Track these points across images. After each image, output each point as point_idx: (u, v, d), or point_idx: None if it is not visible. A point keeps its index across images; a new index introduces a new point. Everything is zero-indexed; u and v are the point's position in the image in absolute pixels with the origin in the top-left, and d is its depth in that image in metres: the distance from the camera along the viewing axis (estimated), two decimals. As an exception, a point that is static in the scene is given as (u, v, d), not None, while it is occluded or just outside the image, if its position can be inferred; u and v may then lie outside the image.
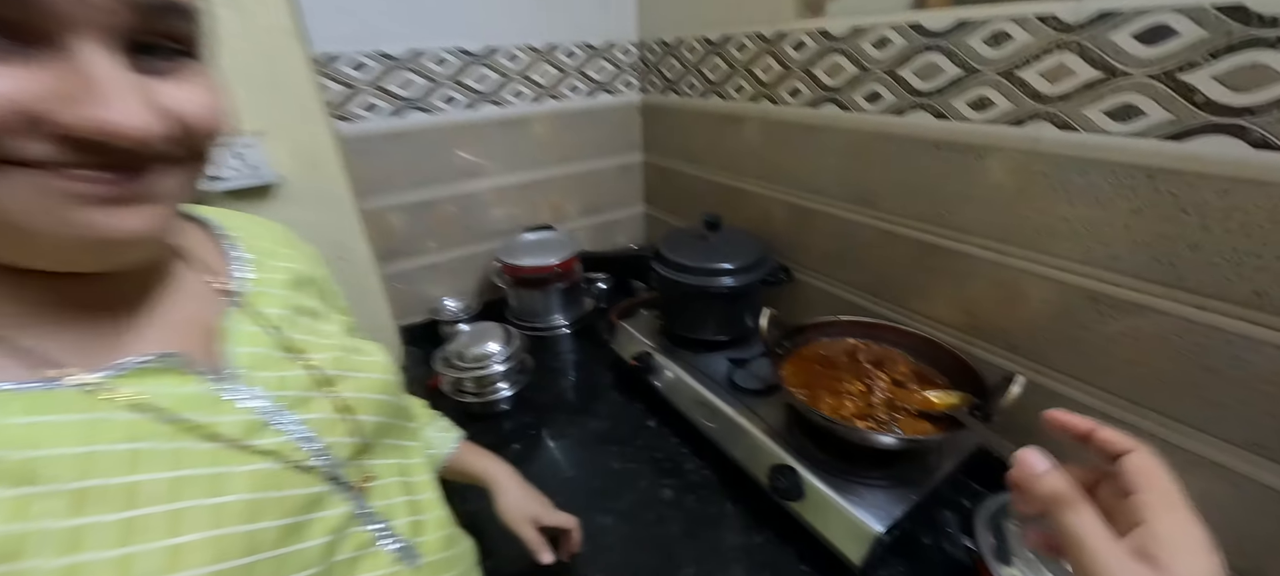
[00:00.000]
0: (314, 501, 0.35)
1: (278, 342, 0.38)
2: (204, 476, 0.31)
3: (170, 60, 0.27)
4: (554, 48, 1.19)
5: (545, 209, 1.32)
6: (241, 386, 0.35)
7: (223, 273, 0.40)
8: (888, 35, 0.75)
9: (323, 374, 0.39)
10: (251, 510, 0.32)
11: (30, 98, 0.23)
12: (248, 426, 0.34)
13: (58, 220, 0.25)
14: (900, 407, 0.71)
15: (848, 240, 0.92)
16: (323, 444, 0.37)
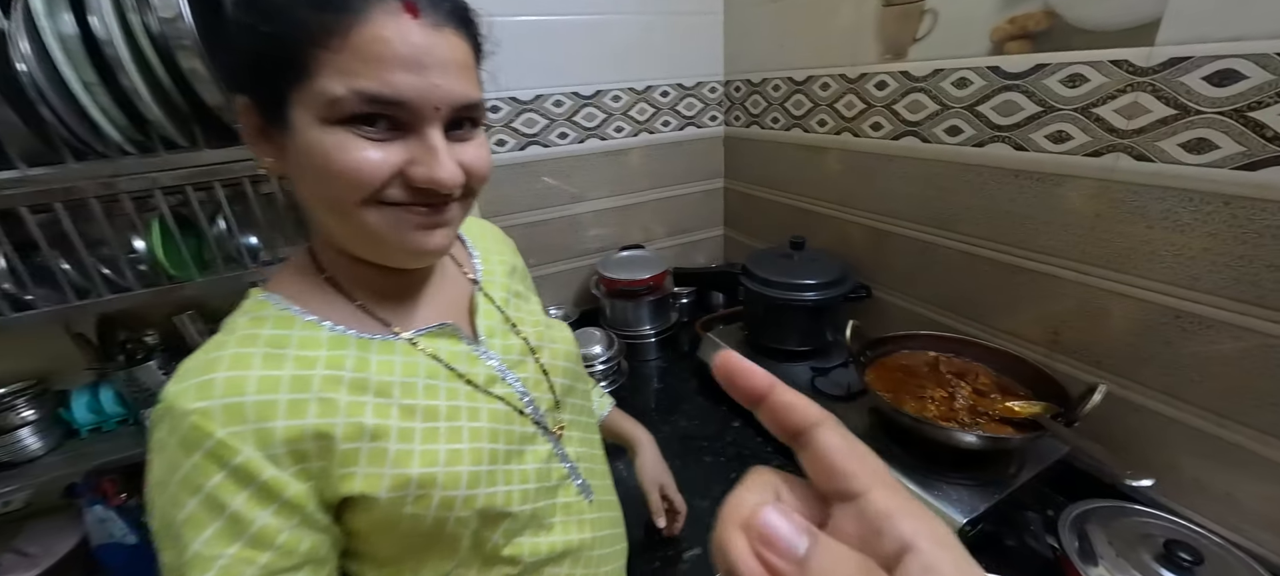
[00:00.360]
0: (528, 438, 0.49)
1: (503, 318, 0.53)
2: (466, 407, 0.45)
3: (464, 129, 0.42)
4: (651, 88, 1.35)
5: (636, 230, 1.47)
6: (485, 349, 0.50)
7: (468, 264, 0.56)
8: (967, 76, 0.84)
9: (529, 344, 0.54)
10: (493, 434, 0.46)
11: (402, 162, 0.38)
12: (489, 378, 0.48)
13: (400, 237, 0.41)
14: (981, 413, 0.77)
15: (927, 260, 0.99)
16: (532, 397, 0.51)
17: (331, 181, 0.37)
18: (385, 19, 0.35)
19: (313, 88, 0.35)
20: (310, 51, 0.35)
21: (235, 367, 0.37)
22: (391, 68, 0.35)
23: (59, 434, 1.00)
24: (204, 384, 0.36)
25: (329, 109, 0.35)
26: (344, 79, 0.35)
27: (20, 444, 0.95)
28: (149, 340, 1.06)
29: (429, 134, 0.38)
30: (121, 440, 1.00)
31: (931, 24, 0.88)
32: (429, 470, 0.41)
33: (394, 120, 0.37)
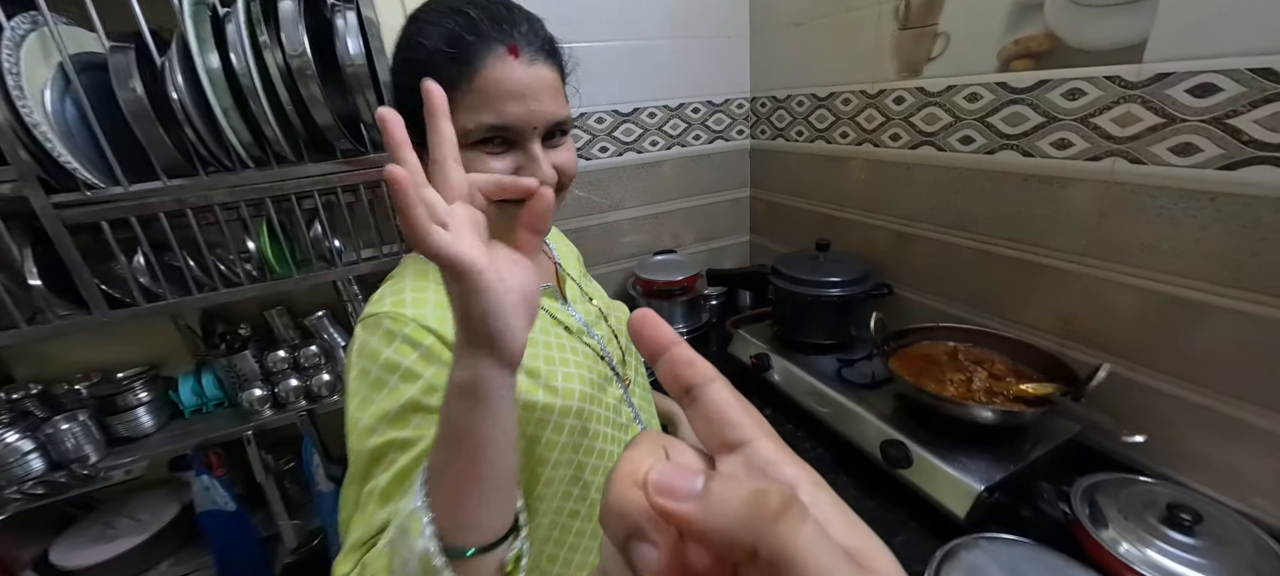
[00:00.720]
0: (608, 379, 0.61)
1: (579, 290, 0.65)
2: (568, 344, 0.58)
3: (556, 138, 0.54)
4: (683, 105, 1.47)
5: (669, 236, 1.58)
6: (573, 308, 0.61)
7: (549, 251, 0.68)
8: (978, 91, 0.93)
9: (601, 310, 0.65)
10: (589, 368, 0.58)
11: (512, 169, 0.50)
12: (578, 330, 0.60)
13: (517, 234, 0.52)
14: (997, 393, 0.85)
15: (946, 259, 1.08)
16: (607, 350, 0.62)
17: None
18: (497, 64, 0.48)
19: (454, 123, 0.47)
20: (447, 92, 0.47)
21: (417, 291, 0.50)
22: (503, 101, 0.48)
23: (167, 414, 1.14)
24: (398, 299, 0.49)
25: (462, 137, 0.48)
26: (472, 115, 0.48)
27: (137, 421, 1.08)
28: (243, 332, 1.19)
29: (531, 147, 0.51)
30: (219, 420, 1.13)
31: (944, 45, 0.97)
32: (551, 386, 0.54)
33: (505, 138, 0.50)
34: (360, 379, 0.48)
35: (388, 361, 0.47)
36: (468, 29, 0.47)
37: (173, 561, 1.14)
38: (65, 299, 0.93)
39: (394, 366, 0.47)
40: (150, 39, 0.84)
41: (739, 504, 0.14)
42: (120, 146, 0.86)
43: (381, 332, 0.48)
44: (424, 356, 0.47)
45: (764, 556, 0.14)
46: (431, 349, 0.48)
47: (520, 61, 0.48)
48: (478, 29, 0.47)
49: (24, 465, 0.97)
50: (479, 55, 0.47)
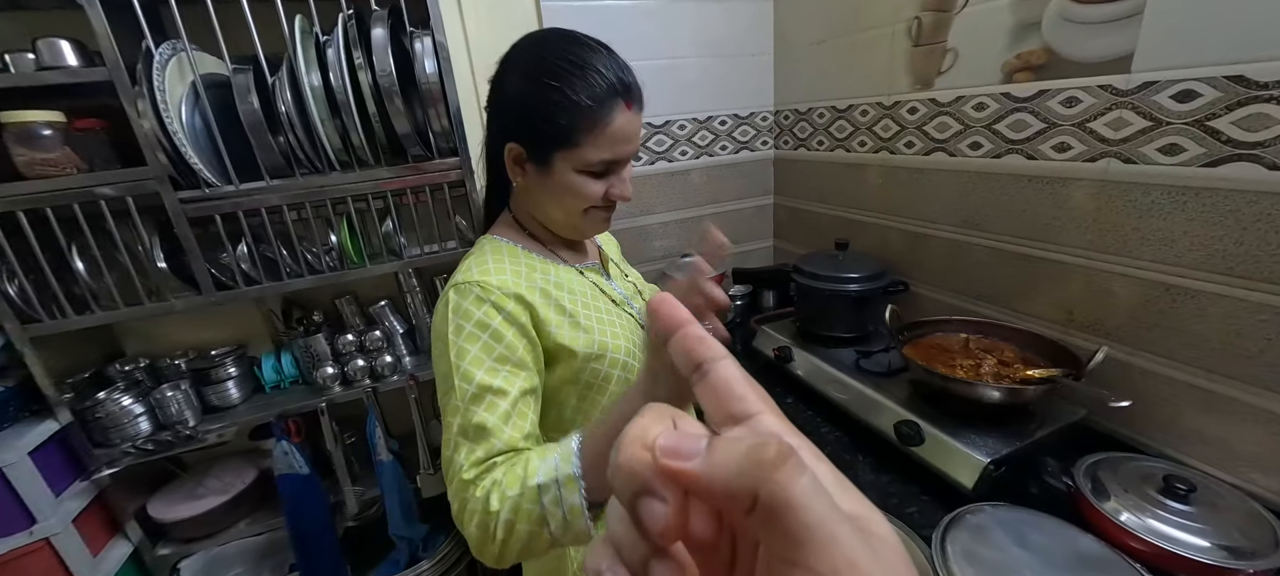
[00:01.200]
0: (644, 346, 0.70)
1: (621, 271, 0.76)
2: (612, 310, 0.69)
3: None
4: (711, 117, 1.58)
5: (696, 239, 1.68)
6: (615, 283, 0.72)
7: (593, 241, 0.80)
8: (985, 101, 1.02)
9: (637, 288, 0.76)
10: (627, 334, 0.68)
11: (606, 186, 0.63)
12: (620, 301, 0.71)
13: (594, 226, 0.67)
14: (1005, 377, 0.92)
15: (957, 257, 1.15)
16: (643, 320, 0.73)
17: (572, 198, 0.64)
18: (620, 115, 0.61)
19: (577, 153, 0.61)
20: (579, 136, 0.60)
21: (495, 262, 0.63)
22: (620, 144, 0.62)
23: (250, 388, 1.29)
24: (483, 268, 0.62)
25: (583, 164, 0.62)
26: (597, 152, 0.61)
27: (227, 393, 1.23)
28: (316, 318, 1.34)
29: (623, 171, 0.66)
30: (294, 394, 1.27)
31: (953, 59, 1.07)
32: (603, 338, 0.65)
33: (610, 168, 0.64)
34: (456, 333, 0.59)
35: (480, 321, 0.59)
36: (605, 90, 0.59)
37: (249, 521, 1.27)
38: (182, 281, 1.08)
39: (485, 326, 0.59)
40: (264, 62, 1.00)
41: (740, 456, 0.15)
42: (233, 151, 1.02)
43: (473, 298, 0.60)
44: (507, 319, 0.60)
45: (763, 501, 0.14)
46: (513, 312, 0.60)
47: (633, 112, 0.62)
48: (612, 89, 0.60)
49: (135, 426, 1.12)
50: (610, 109, 0.59)
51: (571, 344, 0.63)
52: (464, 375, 0.57)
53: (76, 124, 0.99)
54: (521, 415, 0.58)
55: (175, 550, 1.20)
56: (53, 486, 1.02)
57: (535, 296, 0.63)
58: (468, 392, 0.57)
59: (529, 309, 0.61)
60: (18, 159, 0.94)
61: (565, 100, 0.59)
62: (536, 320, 0.62)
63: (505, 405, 0.57)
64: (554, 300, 0.64)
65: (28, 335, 0.99)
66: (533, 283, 0.64)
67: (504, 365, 0.58)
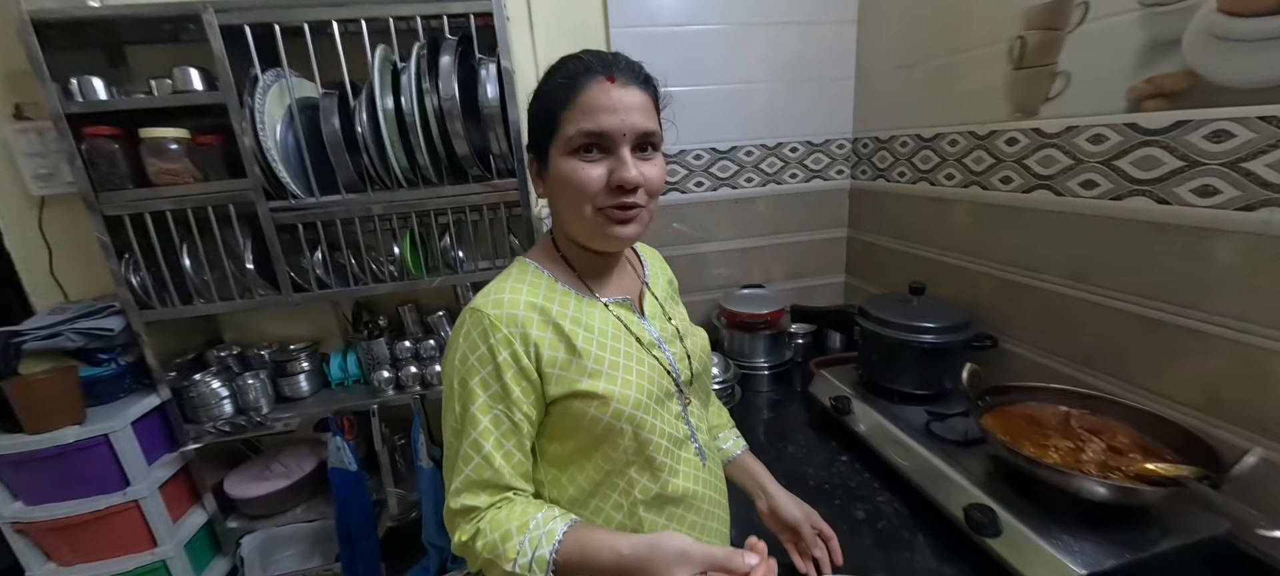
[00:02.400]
0: (669, 394, 0.65)
1: (661, 309, 0.71)
2: (636, 353, 0.64)
3: (646, 152, 0.61)
4: (781, 144, 1.50)
5: (758, 270, 1.59)
6: (649, 322, 0.67)
7: (640, 270, 0.75)
8: (1103, 132, 0.86)
9: (678, 331, 0.70)
10: (650, 380, 0.63)
11: (607, 172, 0.58)
12: (650, 343, 0.66)
13: (603, 228, 0.60)
14: (1114, 469, 0.75)
15: (1061, 313, 0.97)
16: (676, 368, 0.67)
17: (571, 189, 0.59)
18: (596, 86, 0.57)
19: (560, 135, 0.58)
20: (559, 115, 0.58)
21: (513, 292, 0.60)
22: (598, 113, 0.57)
23: (318, 383, 1.39)
24: (497, 300, 0.59)
25: (567, 144, 0.58)
26: (574, 125, 0.57)
27: (298, 385, 1.34)
28: (381, 323, 1.42)
29: (621, 152, 0.58)
30: (356, 393, 1.35)
31: (1063, 84, 0.91)
32: (610, 387, 0.59)
33: (601, 146, 0.58)
34: (462, 361, 0.58)
35: (483, 355, 0.58)
36: (579, 68, 0.58)
37: (305, 507, 1.36)
38: (266, 282, 1.20)
39: (486, 361, 0.58)
40: (349, 87, 1.09)
41: None
42: (317, 168, 1.12)
43: (481, 330, 0.58)
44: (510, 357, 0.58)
45: None
46: (516, 353, 0.58)
47: (615, 85, 0.58)
48: (587, 66, 0.58)
49: (220, 407, 1.25)
50: (584, 82, 0.57)
51: (574, 387, 0.59)
52: (463, 404, 0.58)
53: (198, 139, 1.14)
54: (509, 454, 0.59)
55: (241, 525, 1.31)
56: (147, 454, 1.15)
57: (546, 332, 0.60)
58: (464, 420, 0.58)
59: (535, 348, 0.59)
60: (149, 168, 1.09)
61: (546, 89, 0.60)
62: (540, 360, 0.59)
63: (491, 442, 0.58)
64: (566, 338, 0.60)
65: (144, 320, 1.14)
66: (547, 317, 0.60)
67: (498, 403, 0.58)
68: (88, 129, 1.05)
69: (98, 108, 1.05)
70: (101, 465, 1.09)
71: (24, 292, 1.26)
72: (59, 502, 1.11)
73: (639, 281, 0.75)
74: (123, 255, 1.12)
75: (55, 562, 1.17)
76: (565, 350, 0.60)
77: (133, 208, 1.09)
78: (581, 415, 0.59)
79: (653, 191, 0.62)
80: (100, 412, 1.13)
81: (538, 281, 0.63)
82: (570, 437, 0.61)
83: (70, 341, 1.12)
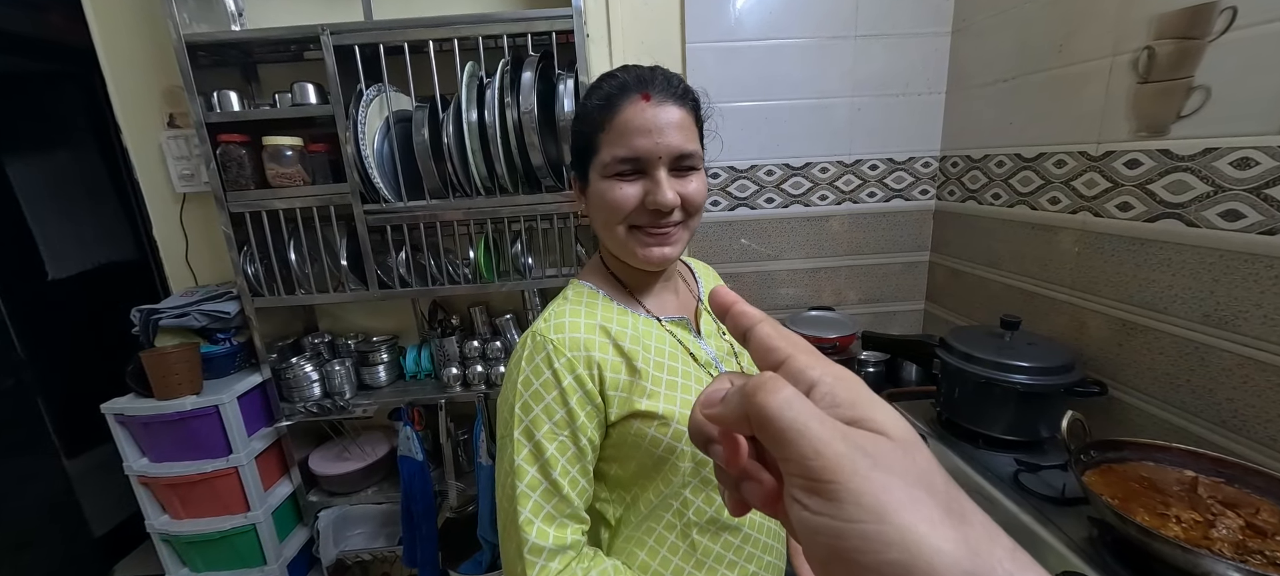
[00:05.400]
0: None
1: (717, 327, 0.69)
2: (695, 372, 0.62)
3: (684, 171, 0.60)
4: (860, 161, 1.43)
5: (829, 292, 1.52)
6: (705, 341, 0.66)
7: (695, 288, 0.74)
8: (1251, 156, 0.74)
9: (733, 349, 0.68)
10: None
11: (641, 193, 0.57)
12: (707, 362, 0.64)
13: (635, 249, 0.60)
14: (1254, 552, 0.63)
15: (1191, 363, 0.84)
16: None
17: (604, 209, 0.59)
18: (631, 107, 0.56)
19: (599, 158, 0.59)
20: (597, 137, 0.58)
21: (572, 315, 0.60)
22: (633, 136, 0.56)
23: (395, 374, 1.48)
24: (558, 324, 0.59)
25: (605, 168, 0.58)
26: (610, 150, 0.57)
27: (377, 375, 1.43)
28: (454, 322, 1.50)
29: (656, 173, 0.58)
30: (426, 387, 1.43)
31: (1202, 100, 0.80)
32: (670, 408, 0.59)
33: (637, 167, 0.58)
34: (525, 386, 0.58)
35: (547, 381, 0.57)
36: (615, 88, 0.58)
37: (376, 490, 1.45)
38: (356, 277, 1.30)
39: (552, 386, 0.57)
40: (439, 101, 1.17)
41: (737, 393, 0.20)
42: (406, 175, 1.20)
43: (544, 356, 0.58)
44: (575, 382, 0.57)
45: (752, 418, 0.19)
46: (580, 377, 0.58)
47: (651, 104, 0.56)
48: (623, 85, 0.58)
49: (310, 389, 1.36)
50: (620, 103, 0.57)
51: (635, 408, 0.59)
52: (527, 431, 0.57)
53: (310, 147, 1.26)
54: (574, 481, 0.58)
55: (320, 499, 1.42)
56: (248, 426, 1.28)
57: (608, 353, 0.59)
58: (525, 449, 0.57)
59: (598, 370, 0.58)
60: (268, 171, 1.23)
61: (583, 113, 0.60)
62: (603, 382, 0.59)
63: (558, 470, 0.57)
64: (627, 357, 0.59)
65: (255, 306, 1.28)
66: (609, 336, 0.60)
67: (563, 429, 0.57)
68: (222, 136, 1.20)
69: (232, 118, 1.20)
70: (211, 432, 1.23)
71: (165, 275, 1.45)
72: (176, 461, 1.26)
73: (693, 298, 0.73)
74: (242, 247, 1.26)
75: (169, 514, 1.32)
76: (626, 371, 0.59)
77: (253, 206, 1.23)
78: (641, 436, 0.58)
79: (692, 209, 0.60)
80: (213, 386, 1.27)
81: (594, 301, 0.63)
82: (631, 459, 0.60)
83: (196, 321, 1.28)
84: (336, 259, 1.28)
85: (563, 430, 0.57)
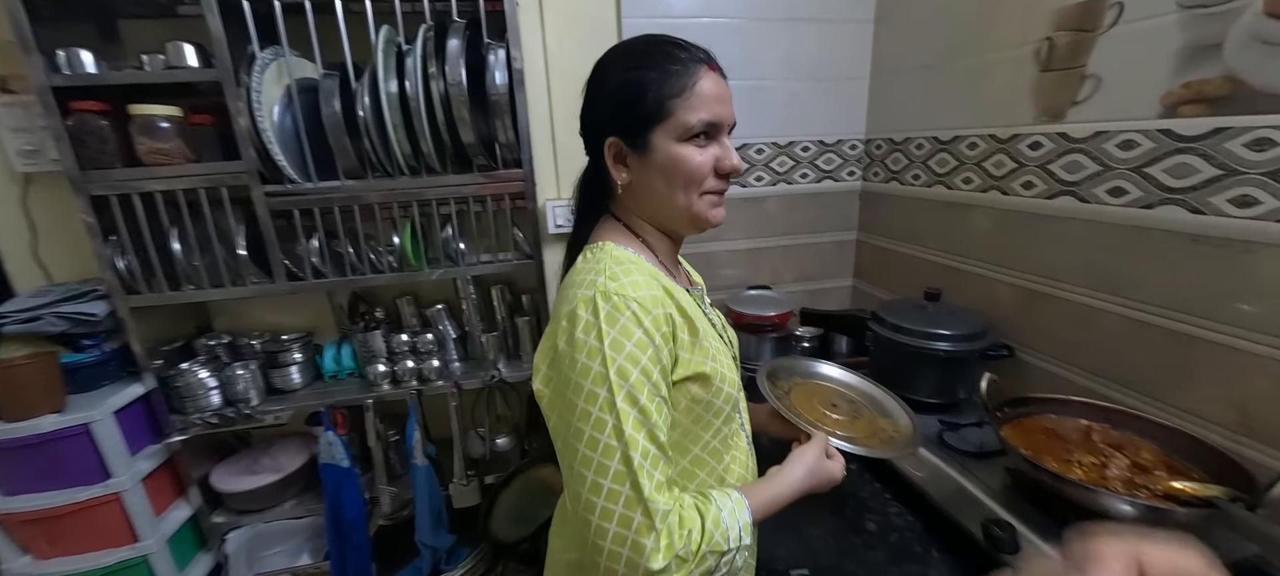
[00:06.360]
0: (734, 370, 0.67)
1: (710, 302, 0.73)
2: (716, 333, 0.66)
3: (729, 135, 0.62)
4: (793, 143, 1.47)
5: (766, 272, 1.56)
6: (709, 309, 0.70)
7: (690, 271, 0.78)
8: (1134, 138, 0.83)
9: (725, 327, 0.73)
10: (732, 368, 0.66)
11: (714, 157, 0.60)
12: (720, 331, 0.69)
13: (707, 212, 0.63)
14: (1140, 487, 0.72)
15: (1084, 325, 0.94)
16: None
17: (681, 174, 0.60)
18: (707, 77, 0.59)
19: (674, 121, 0.58)
20: (670, 104, 0.59)
21: (639, 276, 0.58)
22: (713, 104, 0.59)
23: (311, 375, 1.34)
24: (634, 283, 0.57)
25: (684, 131, 0.59)
26: (693, 113, 0.58)
27: (290, 377, 1.29)
28: (378, 315, 1.38)
29: (724, 139, 0.62)
30: (349, 387, 1.31)
31: (1093, 88, 0.88)
32: (716, 368, 0.62)
33: (709, 134, 0.61)
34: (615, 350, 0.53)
35: (640, 341, 0.54)
36: (689, 56, 0.60)
37: (295, 503, 1.32)
38: (259, 269, 1.15)
39: (645, 346, 0.54)
40: (351, 68, 1.04)
41: None
42: (316, 152, 1.07)
43: (630, 313, 0.54)
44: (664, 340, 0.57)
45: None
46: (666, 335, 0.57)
47: (717, 76, 0.61)
48: (696, 56, 0.60)
49: (207, 398, 1.20)
50: (697, 71, 0.59)
51: (698, 369, 0.60)
52: (628, 397, 0.53)
53: (191, 118, 1.09)
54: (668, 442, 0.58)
55: (228, 520, 1.26)
56: (130, 445, 1.10)
57: (677, 316, 0.60)
58: (631, 415, 0.53)
59: (674, 330, 0.59)
60: (139, 147, 1.05)
61: (651, 76, 0.59)
62: (675, 342, 0.59)
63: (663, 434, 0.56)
64: (689, 319, 0.61)
65: (130, 305, 1.10)
66: (672, 298, 0.60)
67: (659, 392, 0.56)
68: (74, 104, 1.00)
69: (85, 82, 1.00)
70: (81, 455, 1.04)
71: (5, 273, 1.21)
72: (37, 493, 1.06)
73: (685, 274, 0.78)
74: (109, 237, 1.07)
75: (32, 554, 1.12)
76: (688, 332, 0.60)
77: (120, 188, 1.04)
78: (697, 398, 0.61)
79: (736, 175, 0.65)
80: (81, 401, 1.08)
81: (643, 265, 0.62)
82: (677, 425, 0.61)
83: (52, 325, 1.07)
84: (233, 248, 1.12)
85: (660, 391, 0.56)
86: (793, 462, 0.66)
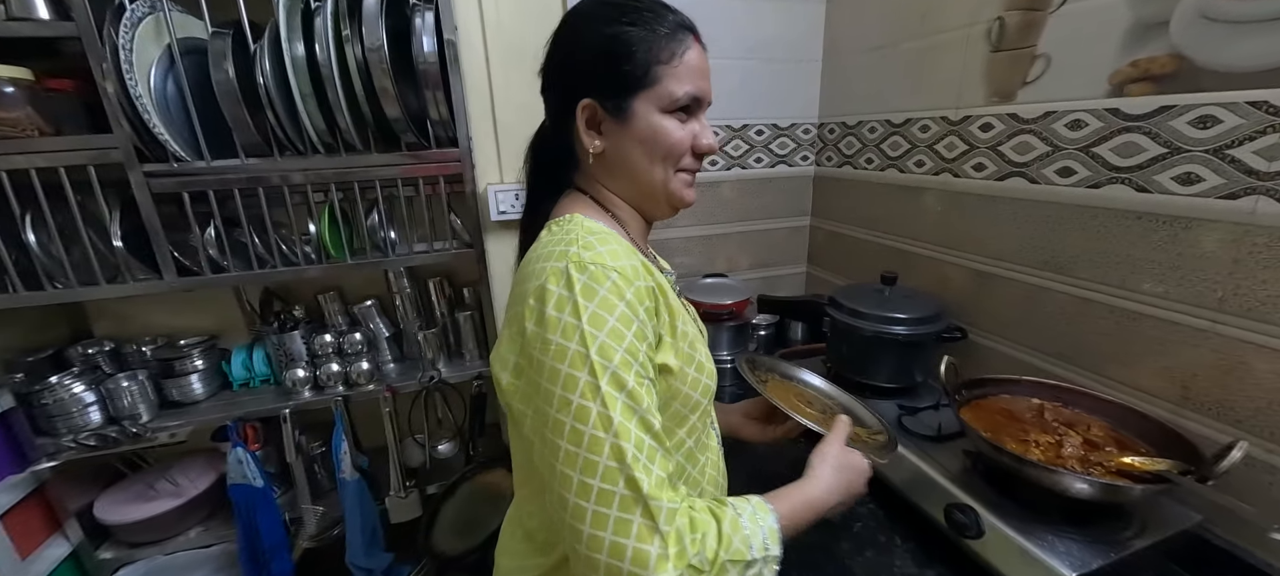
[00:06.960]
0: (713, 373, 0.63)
1: None
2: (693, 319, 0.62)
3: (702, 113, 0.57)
4: (747, 126, 1.43)
5: (722, 259, 1.52)
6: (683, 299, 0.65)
7: None
8: (1082, 118, 0.83)
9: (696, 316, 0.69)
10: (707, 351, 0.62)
11: (693, 134, 0.57)
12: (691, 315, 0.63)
13: (680, 191, 0.60)
14: (1094, 464, 0.72)
15: (1034, 305, 0.96)
16: None
17: (660, 146, 0.56)
18: (694, 48, 0.56)
19: (659, 90, 0.55)
20: (657, 70, 0.54)
21: (617, 244, 0.53)
22: (698, 78, 0.56)
23: (217, 384, 1.18)
24: (612, 251, 0.51)
25: (669, 102, 0.55)
26: (679, 84, 0.55)
27: (190, 387, 1.13)
28: (296, 313, 1.23)
29: (701, 116, 0.59)
30: (263, 396, 1.16)
31: (1043, 67, 0.89)
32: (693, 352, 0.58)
33: (690, 110, 0.57)
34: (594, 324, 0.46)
35: (623, 316, 0.48)
36: (676, 23, 0.56)
37: (202, 530, 1.16)
38: (142, 263, 0.98)
39: (628, 321, 0.48)
40: (248, 28, 0.90)
41: None
42: (209, 125, 0.92)
43: (611, 284, 0.48)
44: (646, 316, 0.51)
45: None
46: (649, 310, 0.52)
47: (701, 48, 0.58)
48: (683, 25, 0.57)
49: (84, 416, 1.02)
50: (686, 40, 0.55)
51: (678, 355, 0.56)
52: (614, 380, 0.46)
53: (47, 83, 0.91)
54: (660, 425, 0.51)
55: (118, 555, 1.09)
56: (-21, 478, 0.92)
57: (658, 292, 0.54)
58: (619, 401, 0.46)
59: (657, 306, 0.53)
60: (-26, 115, 0.86)
61: (638, 36, 0.54)
62: (660, 321, 0.54)
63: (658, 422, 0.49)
64: (667, 300, 0.56)
65: (-28, 309, 0.91)
66: (650, 276, 0.54)
67: (646, 372, 0.49)
68: (-121, 60, 0.81)
69: (-106, 33, 0.80)
70: (-93, 495, 0.86)
71: None
72: None
73: None
74: (-61, 227, 0.88)
75: None
76: (669, 314, 0.55)
77: (-49, 166, 0.85)
78: (675, 390, 0.56)
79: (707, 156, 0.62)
80: (-90, 427, 0.89)
81: (616, 238, 0.55)
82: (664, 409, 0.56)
83: None
84: (108, 239, 0.95)
85: (647, 372, 0.49)
86: (814, 462, 0.62)
